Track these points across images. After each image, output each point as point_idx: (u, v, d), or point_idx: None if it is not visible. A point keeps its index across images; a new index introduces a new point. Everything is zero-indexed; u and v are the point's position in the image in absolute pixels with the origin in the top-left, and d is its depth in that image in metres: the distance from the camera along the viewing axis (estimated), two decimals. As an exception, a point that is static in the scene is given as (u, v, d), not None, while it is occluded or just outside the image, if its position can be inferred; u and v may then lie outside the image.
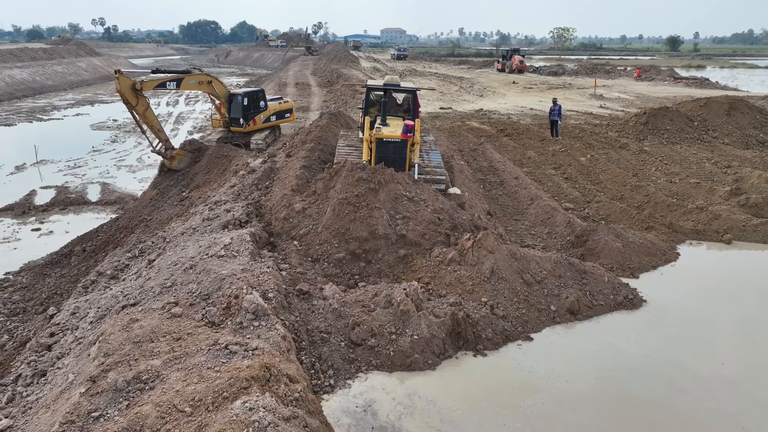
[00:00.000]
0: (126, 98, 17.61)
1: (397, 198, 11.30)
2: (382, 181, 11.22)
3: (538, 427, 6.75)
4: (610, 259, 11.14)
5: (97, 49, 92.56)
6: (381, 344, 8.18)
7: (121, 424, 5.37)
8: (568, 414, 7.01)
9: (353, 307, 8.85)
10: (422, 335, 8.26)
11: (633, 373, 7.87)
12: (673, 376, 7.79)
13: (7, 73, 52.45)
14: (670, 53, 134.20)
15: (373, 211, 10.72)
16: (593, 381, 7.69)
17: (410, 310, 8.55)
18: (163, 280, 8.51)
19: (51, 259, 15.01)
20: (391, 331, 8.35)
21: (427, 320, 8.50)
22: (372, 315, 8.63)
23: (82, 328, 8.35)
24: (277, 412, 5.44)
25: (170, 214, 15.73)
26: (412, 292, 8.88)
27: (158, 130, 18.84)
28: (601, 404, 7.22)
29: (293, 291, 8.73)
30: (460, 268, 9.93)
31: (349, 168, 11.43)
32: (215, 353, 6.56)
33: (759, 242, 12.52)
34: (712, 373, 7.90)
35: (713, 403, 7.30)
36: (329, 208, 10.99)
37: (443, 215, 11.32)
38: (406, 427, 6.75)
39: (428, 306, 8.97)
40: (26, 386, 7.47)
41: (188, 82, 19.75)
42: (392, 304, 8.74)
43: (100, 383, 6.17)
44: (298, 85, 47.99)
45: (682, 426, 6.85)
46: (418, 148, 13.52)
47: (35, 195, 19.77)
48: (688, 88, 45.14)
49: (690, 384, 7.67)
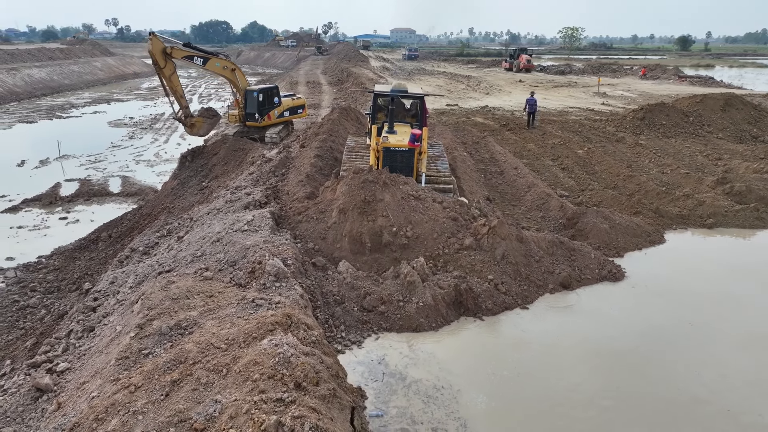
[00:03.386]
0: (156, 59, 19.08)
1: (405, 199, 11.26)
2: (388, 182, 11.30)
3: (523, 373, 7.79)
4: (598, 239, 12.11)
5: (111, 49, 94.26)
6: (390, 310, 9.18)
7: (168, 357, 6.45)
8: (554, 362, 8.05)
9: (365, 280, 9.88)
10: (427, 302, 9.26)
11: (614, 330, 8.96)
12: (647, 332, 8.88)
13: (26, 72, 53.94)
14: (680, 53, 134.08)
15: (378, 218, 10.81)
16: (580, 337, 8.75)
17: (416, 281, 9.55)
18: (194, 251, 9.61)
19: (80, 244, 15.99)
20: (399, 299, 9.35)
21: (432, 290, 9.52)
22: (381, 286, 9.68)
23: (123, 293, 9.46)
24: (298, 348, 6.50)
25: (191, 201, 16.82)
26: (418, 267, 9.89)
27: (180, 96, 20.19)
28: (585, 354, 8.28)
29: (309, 261, 9.81)
30: (475, 253, 10.51)
31: (355, 170, 11.54)
32: (244, 306, 7.64)
33: (739, 227, 13.46)
34: (681, 332, 8.93)
35: (679, 352, 8.37)
36: (335, 213, 11.05)
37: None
38: (411, 374, 7.83)
39: (434, 279, 9.96)
40: (78, 339, 8.59)
41: (214, 63, 21.05)
42: (399, 276, 9.80)
43: (146, 329, 7.28)
44: (309, 84, 49.13)
45: (654, 368, 7.96)
46: (425, 157, 13.33)
47: (60, 187, 20.77)
48: (692, 87, 45.80)
49: (661, 338, 8.74)
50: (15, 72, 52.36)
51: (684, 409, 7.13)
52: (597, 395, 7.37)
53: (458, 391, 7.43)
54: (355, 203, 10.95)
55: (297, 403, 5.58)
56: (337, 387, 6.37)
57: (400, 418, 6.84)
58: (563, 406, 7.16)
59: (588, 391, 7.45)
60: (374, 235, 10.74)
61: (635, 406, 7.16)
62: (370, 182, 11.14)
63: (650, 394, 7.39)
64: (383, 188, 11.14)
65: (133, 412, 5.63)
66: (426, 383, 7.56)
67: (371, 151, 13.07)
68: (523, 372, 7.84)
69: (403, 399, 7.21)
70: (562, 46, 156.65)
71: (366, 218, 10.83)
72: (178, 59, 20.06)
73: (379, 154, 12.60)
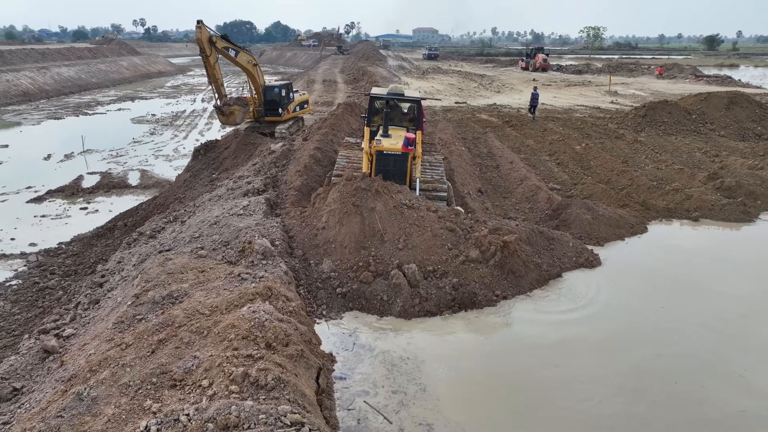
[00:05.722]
0: (203, 47, 20.52)
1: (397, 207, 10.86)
2: (380, 190, 10.92)
3: (492, 351, 8.37)
4: (580, 229, 12.59)
5: (138, 49, 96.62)
6: (372, 303, 9.47)
7: (157, 320, 7.24)
8: (524, 329, 8.77)
9: (352, 282, 9.78)
10: (412, 304, 9.35)
11: (587, 309, 9.65)
12: (618, 313, 9.58)
13: (56, 71, 55.94)
14: (706, 52, 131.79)
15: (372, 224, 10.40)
16: (557, 314, 9.44)
17: (401, 283, 9.51)
18: (192, 233, 10.43)
19: (97, 232, 16.90)
20: (383, 298, 9.48)
21: (423, 295, 9.43)
22: (371, 286, 9.63)
23: (126, 270, 10.33)
24: (273, 314, 7.23)
25: (201, 192, 17.70)
26: (409, 273, 9.67)
27: (220, 84, 21.76)
28: (554, 331, 8.94)
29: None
30: (481, 266, 10.12)
31: (348, 177, 11.24)
32: (230, 280, 8.41)
33: (724, 220, 13.79)
34: (651, 311, 9.53)
35: (643, 325, 9.04)
36: (325, 219, 10.78)
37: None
38: (380, 346, 8.49)
39: (426, 285, 9.70)
40: (84, 310, 9.47)
41: (242, 56, 22.69)
42: (388, 278, 9.70)
43: (141, 298, 8.09)
44: (325, 82, 50.06)
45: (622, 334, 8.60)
46: (419, 162, 13.03)
47: (82, 179, 21.81)
48: (708, 86, 45.42)
49: (627, 311, 9.50)
50: (45, 70, 54.37)
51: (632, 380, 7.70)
52: (555, 364, 7.96)
53: (422, 361, 8.03)
54: (346, 210, 10.64)
55: (265, 359, 6.30)
56: (306, 349, 7.08)
57: (363, 383, 7.50)
58: (521, 373, 7.78)
59: (548, 362, 8.03)
60: (364, 248, 10.30)
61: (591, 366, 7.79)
62: (363, 190, 10.81)
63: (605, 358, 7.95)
64: (375, 197, 10.82)
65: (122, 365, 6.41)
66: (393, 354, 8.20)
67: (364, 154, 12.96)
68: (492, 349, 8.41)
69: (369, 367, 7.87)
70: (584, 45, 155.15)
71: (356, 226, 10.48)
72: (219, 48, 21.69)
73: (372, 158, 12.44)
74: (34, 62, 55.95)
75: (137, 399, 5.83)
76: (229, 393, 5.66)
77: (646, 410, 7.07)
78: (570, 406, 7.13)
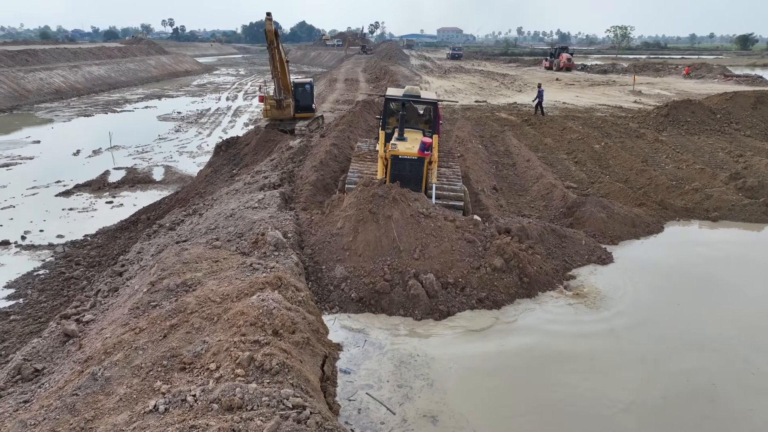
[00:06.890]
0: (270, 38, 21.72)
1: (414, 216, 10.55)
2: (397, 198, 10.57)
3: (505, 351, 8.35)
4: (594, 227, 12.53)
5: (166, 48, 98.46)
6: (389, 309, 9.31)
7: (171, 307, 7.50)
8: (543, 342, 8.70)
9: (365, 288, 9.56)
10: (429, 312, 9.18)
11: (598, 300, 9.74)
12: (625, 299, 9.71)
13: (87, 69, 57.44)
14: (739, 52, 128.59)
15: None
16: (569, 318, 9.32)
17: (420, 294, 9.32)
18: (209, 224, 10.72)
19: (121, 225, 17.37)
20: (401, 312, 9.25)
21: (443, 310, 9.22)
22: (389, 296, 9.41)
23: (145, 260, 10.67)
24: (282, 303, 7.42)
25: (220, 187, 18.11)
26: (427, 284, 9.48)
27: (287, 77, 22.94)
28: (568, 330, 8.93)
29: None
30: (505, 275, 9.95)
31: (365, 182, 11.00)
32: (243, 269, 8.65)
33: (744, 221, 13.55)
34: (663, 308, 9.52)
35: (652, 320, 8.90)
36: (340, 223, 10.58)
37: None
38: (389, 343, 8.49)
39: (445, 295, 9.50)
40: (104, 297, 9.81)
41: (280, 50, 23.29)
42: (405, 288, 9.50)
43: (157, 286, 8.37)
44: (347, 81, 50.42)
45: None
46: (435, 167, 12.75)
47: (109, 174, 22.41)
48: (737, 86, 44.39)
49: (639, 309, 9.47)
50: (77, 69, 55.88)
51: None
52: (568, 362, 7.95)
53: (432, 358, 7.96)
54: (362, 217, 10.39)
55: (271, 345, 6.49)
56: (312, 337, 7.25)
57: (368, 378, 7.54)
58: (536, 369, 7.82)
59: (565, 362, 8.00)
60: (379, 256, 9.98)
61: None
62: (380, 197, 10.53)
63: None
64: (392, 204, 10.51)
65: (135, 348, 6.67)
66: (402, 351, 8.15)
67: (379, 158, 12.65)
68: (506, 350, 8.29)
69: (376, 363, 7.86)
70: (612, 45, 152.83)
71: (371, 234, 10.21)
72: (278, 41, 22.74)
73: (387, 162, 12.14)
74: (66, 61, 57.57)
75: (148, 380, 6.07)
76: (234, 376, 5.86)
77: (654, 403, 7.07)
78: (577, 402, 7.14)
